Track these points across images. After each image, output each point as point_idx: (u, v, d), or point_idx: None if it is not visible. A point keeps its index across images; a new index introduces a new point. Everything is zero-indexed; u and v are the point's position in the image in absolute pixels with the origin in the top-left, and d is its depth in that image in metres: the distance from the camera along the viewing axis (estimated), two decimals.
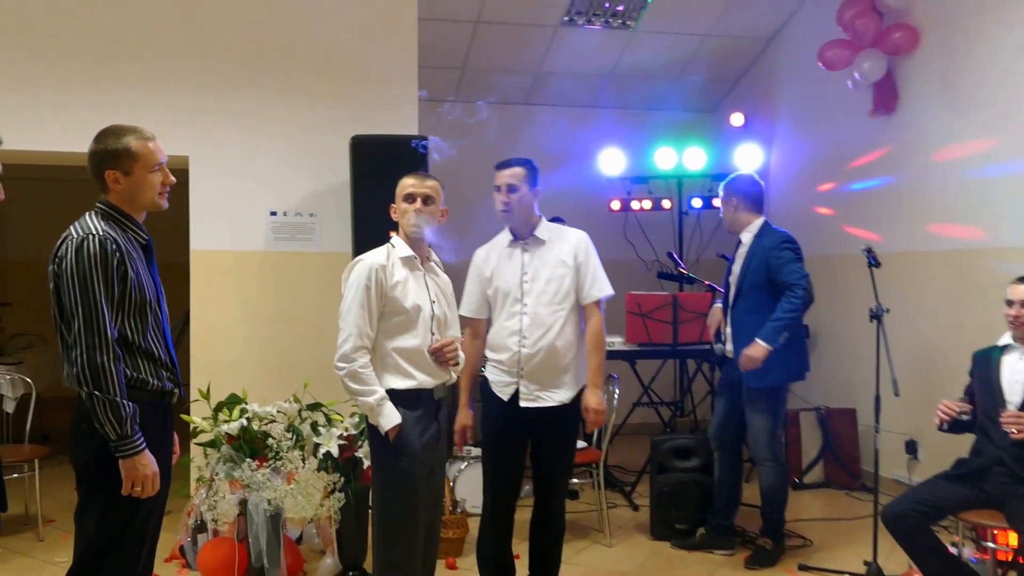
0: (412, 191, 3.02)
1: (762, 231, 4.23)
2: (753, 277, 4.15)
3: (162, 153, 2.56)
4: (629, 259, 7.07)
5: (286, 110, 4.83)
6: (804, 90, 6.46)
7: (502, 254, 3.46)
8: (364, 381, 2.88)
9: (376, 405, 2.88)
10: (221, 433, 3.91)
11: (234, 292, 4.76)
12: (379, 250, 3.02)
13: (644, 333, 5.23)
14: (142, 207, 2.55)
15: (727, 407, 4.35)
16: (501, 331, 3.42)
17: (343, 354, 2.89)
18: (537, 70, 6.84)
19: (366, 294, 2.90)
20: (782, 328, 3.97)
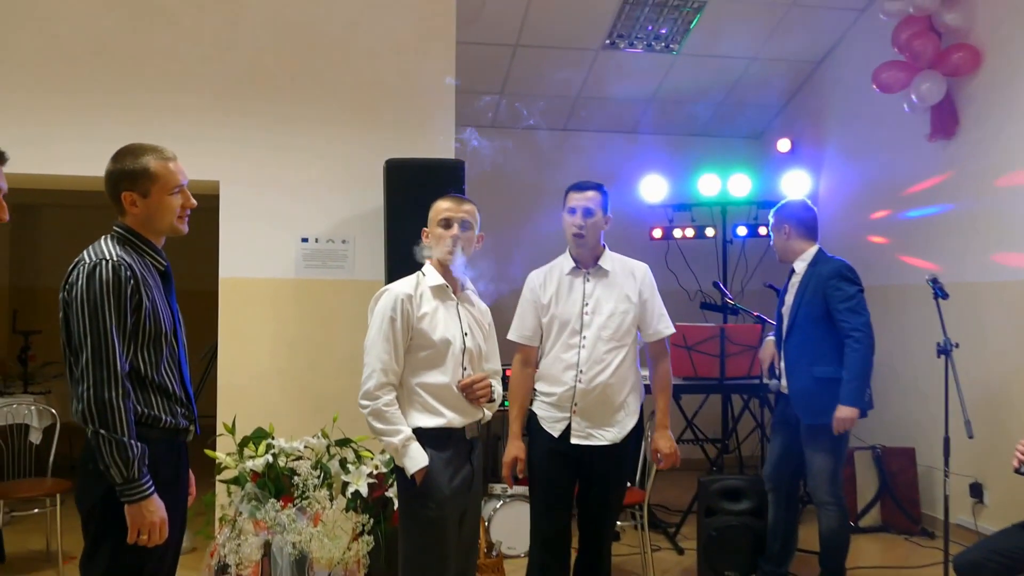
0: (449, 215, 2.83)
1: (817, 259, 4.00)
2: (808, 308, 3.91)
3: (183, 174, 2.40)
4: (671, 289, 6.82)
5: (319, 134, 4.69)
6: (855, 114, 6.20)
7: (562, 281, 3.28)
8: (389, 420, 2.69)
9: (401, 446, 2.68)
10: (246, 470, 3.74)
11: (263, 321, 4.60)
12: (408, 279, 2.85)
13: (689, 366, 4.98)
14: (160, 231, 2.40)
15: (783, 446, 4.08)
16: (555, 363, 3.23)
17: (367, 391, 2.71)
18: (577, 95, 6.67)
19: (391, 326, 2.72)
20: (861, 387, 3.79)
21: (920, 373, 5.33)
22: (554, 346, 3.23)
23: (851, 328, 3.77)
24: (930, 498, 5.43)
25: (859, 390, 3.76)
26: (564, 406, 3.21)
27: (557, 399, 3.22)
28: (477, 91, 6.30)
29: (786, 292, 4.09)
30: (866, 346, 3.76)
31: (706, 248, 6.92)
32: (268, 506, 3.57)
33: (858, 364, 3.75)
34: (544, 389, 3.26)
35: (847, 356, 3.76)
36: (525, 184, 6.28)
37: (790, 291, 4.05)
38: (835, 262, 3.95)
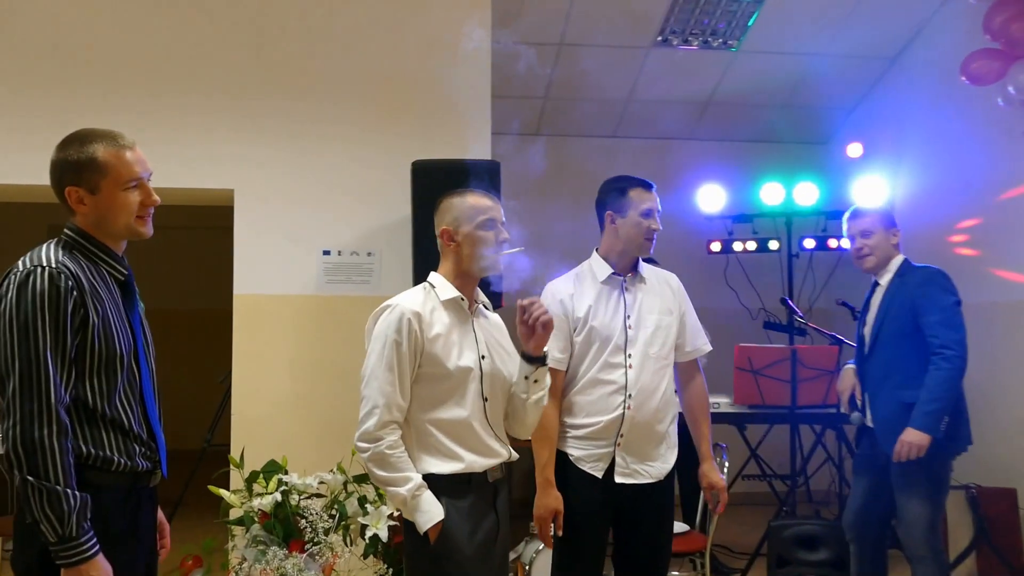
0: (495, 215, 2.38)
1: (903, 269, 3.49)
2: (894, 324, 3.39)
3: (143, 164, 1.98)
4: (731, 307, 6.31)
5: (341, 136, 4.30)
6: (938, 113, 5.61)
7: (599, 291, 2.79)
8: (394, 466, 2.22)
9: (410, 497, 2.21)
10: (252, 509, 3.31)
11: (281, 342, 4.21)
12: (413, 292, 2.39)
13: (756, 393, 4.45)
14: (116, 234, 1.98)
15: (868, 489, 3.52)
16: (595, 387, 2.74)
17: (366, 432, 2.25)
18: (627, 98, 6.20)
19: (395, 352, 2.25)
20: (940, 412, 3.23)
21: (1021, 403, 4.73)
22: (592, 367, 2.74)
23: (941, 344, 3.25)
24: None
25: (936, 415, 3.22)
26: (607, 439, 2.73)
27: (599, 430, 2.72)
28: (516, 96, 5.88)
29: (867, 310, 3.55)
30: (956, 367, 3.23)
31: (769, 262, 6.38)
32: (273, 551, 3.13)
33: (941, 385, 3.23)
34: (579, 421, 2.75)
35: (930, 374, 3.24)
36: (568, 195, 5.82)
37: (872, 308, 3.52)
38: (927, 269, 3.45)
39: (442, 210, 2.41)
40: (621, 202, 2.80)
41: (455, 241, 2.36)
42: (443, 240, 2.39)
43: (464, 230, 2.35)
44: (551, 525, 2.70)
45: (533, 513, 2.70)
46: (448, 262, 2.40)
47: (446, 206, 2.40)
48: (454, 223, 2.37)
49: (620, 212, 2.80)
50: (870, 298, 3.54)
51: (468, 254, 2.35)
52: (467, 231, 2.35)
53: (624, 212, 2.79)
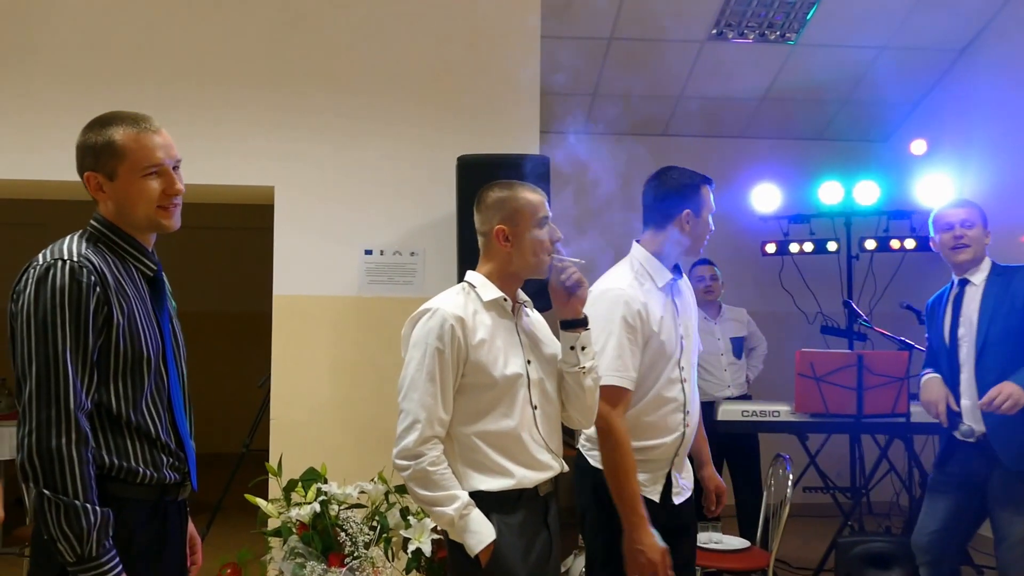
0: (547, 212, 2.20)
1: (998, 269, 3.30)
2: (1003, 325, 3.16)
3: (167, 150, 1.83)
4: (787, 311, 6.06)
5: (385, 131, 4.15)
6: (1007, 108, 5.31)
7: (656, 297, 2.51)
8: (438, 484, 2.05)
9: (458, 517, 2.04)
10: (290, 520, 3.16)
11: (322, 345, 4.06)
12: (453, 293, 2.19)
13: (819, 401, 4.19)
14: (138, 225, 1.83)
15: (955, 509, 3.26)
16: (661, 405, 2.50)
17: (405, 448, 2.07)
18: (680, 94, 5.97)
19: (437, 360, 2.07)
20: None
21: None
22: (655, 384, 2.48)
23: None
24: None
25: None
26: (665, 460, 2.52)
27: (661, 451, 2.50)
28: (565, 92, 5.70)
29: (957, 313, 3.30)
30: None
31: (827, 264, 6.11)
32: (311, 567, 2.98)
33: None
34: (642, 444, 2.47)
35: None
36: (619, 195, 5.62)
37: (964, 310, 3.28)
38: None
39: (491, 205, 2.20)
40: (697, 199, 2.54)
41: (509, 241, 2.16)
42: (496, 240, 2.17)
43: (521, 229, 2.16)
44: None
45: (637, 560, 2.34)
46: (494, 261, 2.20)
47: (496, 201, 2.19)
48: (510, 221, 2.17)
49: (697, 211, 2.54)
50: (959, 299, 3.31)
51: (522, 255, 2.16)
52: (524, 230, 2.16)
53: (699, 211, 2.54)
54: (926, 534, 3.32)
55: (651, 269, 2.53)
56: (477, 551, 2.02)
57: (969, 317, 3.25)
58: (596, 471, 2.47)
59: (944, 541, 3.28)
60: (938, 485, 3.35)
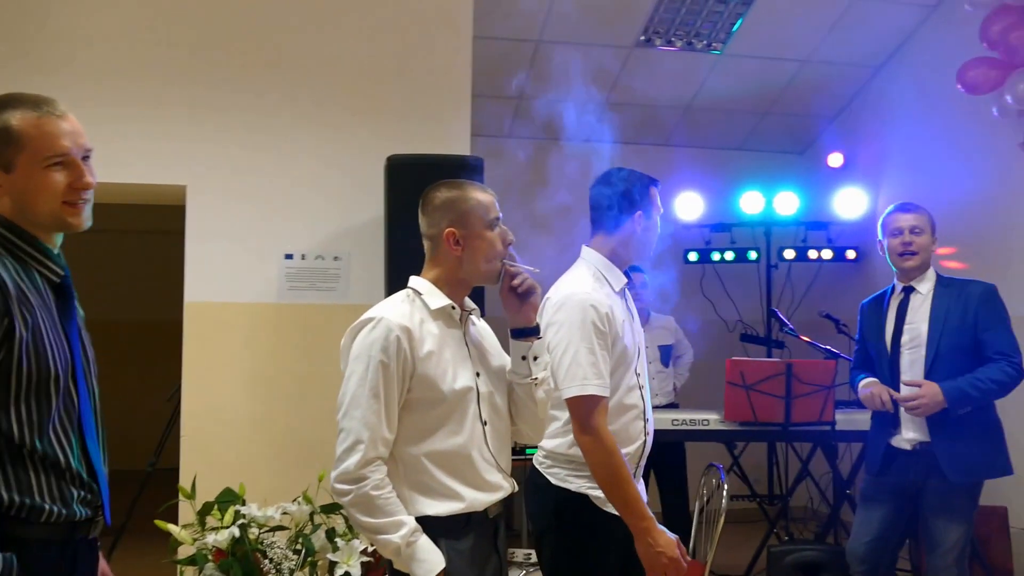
0: (498, 212, 2.06)
1: (943, 279, 3.30)
2: (954, 337, 3.15)
3: (75, 138, 1.61)
4: (707, 319, 6.09)
5: (307, 129, 3.94)
6: (923, 123, 5.46)
7: (616, 301, 2.42)
8: (382, 510, 1.88)
9: (405, 545, 1.87)
10: (206, 546, 2.93)
11: (237, 355, 3.82)
12: (397, 301, 2.02)
13: (748, 409, 4.18)
14: (41, 224, 1.61)
15: (891, 517, 3.26)
16: (623, 413, 2.39)
17: (345, 471, 1.88)
18: (605, 100, 5.93)
19: (381, 375, 1.90)
20: (973, 399, 3.07)
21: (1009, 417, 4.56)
22: (618, 391, 2.38)
23: (1011, 350, 3.11)
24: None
25: (968, 399, 3.07)
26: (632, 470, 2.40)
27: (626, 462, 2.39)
28: (489, 95, 5.58)
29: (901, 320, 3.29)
30: (1015, 381, 3.09)
31: (746, 273, 6.19)
32: None
33: (997, 382, 3.07)
34: None
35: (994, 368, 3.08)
36: (545, 200, 5.53)
37: (909, 317, 3.26)
38: (983, 283, 3.26)
39: (439, 206, 2.05)
40: (647, 200, 2.47)
41: (460, 244, 2.01)
42: (446, 243, 2.02)
43: (472, 232, 2.02)
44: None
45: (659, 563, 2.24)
46: (441, 266, 2.04)
47: (445, 202, 2.05)
48: (460, 222, 2.02)
49: (648, 212, 2.47)
50: (903, 306, 3.28)
51: (473, 259, 2.02)
52: (476, 233, 2.01)
53: (650, 212, 2.47)
54: (862, 543, 3.31)
55: (606, 273, 2.44)
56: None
57: (916, 326, 3.23)
58: (559, 490, 2.35)
59: (879, 550, 3.29)
60: (872, 493, 3.33)
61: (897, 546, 3.36)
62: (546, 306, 2.43)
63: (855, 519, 3.41)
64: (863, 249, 5.99)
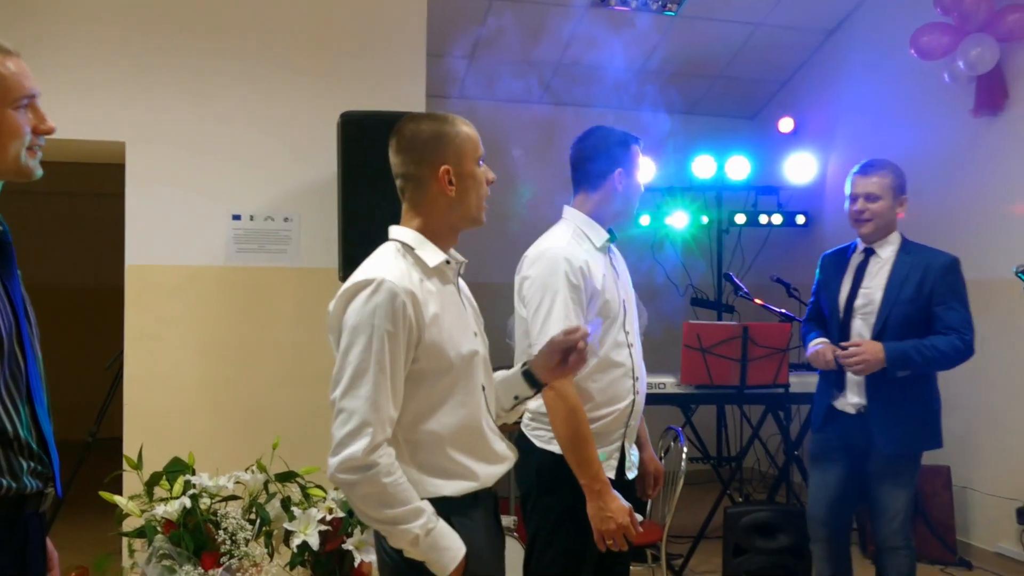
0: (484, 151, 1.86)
1: (907, 246, 3.17)
2: (907, 307, 3.06)
3: (31, 79, 1.49)
4: (659, 283, 6.10)
5: (255, 82, 3.76)
6: (873, 89, 5.50)
7: (596, 257, 2.39)
8: (398, 498, 1.68)
9: (425, 534, 1.69)
10: (155, 518, 2.81)
11: (183, 321, 3.66)
12: (390, 258, 1.77)
13: (704, 372, 4.19)
14: None
15: (843, 481, 3.21)
16: (608, 370, 2.36)
17: (352, 459, 1.65)
18: (558, 62, 5.85)
19: (388, 347, 1.68)
20: (915, 363, 3.01)
21: (952, 381, 4.67)
22: (602, 346, 2.34)
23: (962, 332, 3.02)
24: (966, 523, 4.78)
25: (910, 362, 3.00)
26: (616, 431, 2.39)
27: (612, 421, 2.37)
28: (442, 54, 5.43)
29: (857, 281, 3.19)
30: (963, 356, 3.04)
31: (698, 237, 6.20)
32: (185, 569, 2.65)
33: (943, 351, 2.99)
34: (592, 414, 2.33)
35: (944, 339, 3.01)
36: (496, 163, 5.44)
37: (867, 281, 3.16)
38: (943, 254, 3.14)
39: (427, 140, 1.80)
40: (628, 158, 2.45)
41: (454, 184, 1.79)
42: (439, 182, 1.78)
43: (465, 169, 1.80)
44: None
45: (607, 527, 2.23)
46: (428, 213, 1.81)
47: (433, 136, 1.80)
48: (454, 159, 1.79)
49: (629, 170, 2.44)
50: (862, 268, 3.18)
51: (465, 201, 1.81)
52: (468, 171, 1.81)
53: (631, 170, 2.45)
54: (822, 507, 3.26)
55: (588, 230, 2.42)
56: (451, 570, 1.71)
57: (871, 292, 3.15)
58: (540, 452, 2.32)
59: (839, 513, 3.26)
60: (822, 452, 3.28)
61: (853, 509, 3.35)
62: (523, 262, 2.39)
63: (810, 482, 3.37)
64: (812, 214, 6.04)
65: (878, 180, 3.14)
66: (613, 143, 2.45)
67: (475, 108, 5.86)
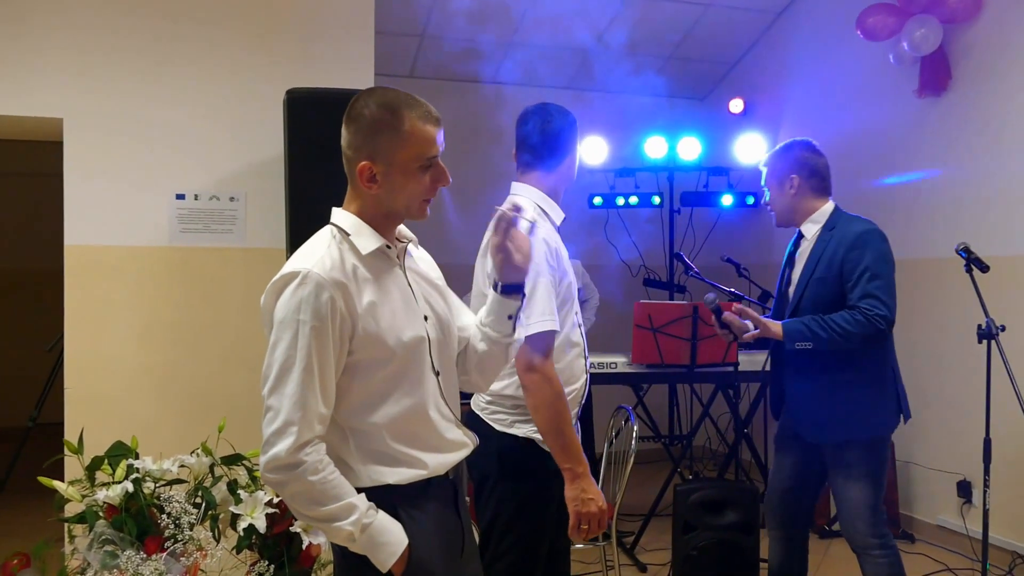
0: (436, 148, 1.72)
1: (833, 221, 3.02)
2: (817, 287, 2.95)
3: None
4: (612, 263, 6.13)
5: (199, 58, 3.65)
6: (820, 70, 5.57)
7: (555, 236, 2.35)
8: (327, 494, 1.63)
9: (360, 531, 1.65)
10: (96, 503, 2.74)
11: (126, 302, 3.57)
12: (320, 246, 1.71)
13: (655, 352, 4.22)
14: None
15: (799, 467, 3.13)
16: (568, 349, 2.35)
17: (276, 459, 1.61)
18: (509, 41, 5.80)
19: (315, 342, 1.62)
20: (809, 338, 2.86)
21: None
22: (563, 327, 2.31)
23: (866, 306, 2.83)
24: (909, 497, 4.90)
25: (803, 337, 2.86)
26: (573, 410, 2.35)
27: (570, 401, 2.31)
28: (392, 32, 5.36)
29: (791, 265, 3.15)
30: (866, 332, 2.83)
31: (650, 218, 6.24)
32: (127, 555, 2.59)
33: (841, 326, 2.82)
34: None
35: (844, 314, 2.85)
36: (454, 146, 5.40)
37: (798, 263, 3.10)
38: (860, 222, 2.99)
39: (363, 127, 1.71)
40: (575, 138, 2.45)
41: (376, 182, 1.71)
42: (360, 178, 1.71)
43: (394, 168, 1.70)
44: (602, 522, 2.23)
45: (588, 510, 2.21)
46: (360, 199, 1.75)
47: (371, 123, 1.70)
48: (380, 155, 1.69)
49: (573, 148, 2.45)
50: (794, 252, 3.14)
51: (392, 199, 1.73)
52: (400, 171, 1.71)
53: (575, 151, 2.46)
54: (777, 493, 3.19)
55: (547, 208, 2.39)
56: (390, 565, 1.67)
57: (798, 274, 3.07)
58: (502, 436, 2.28)
59: (792, 501, 3.17)
60: (779, 439, 3.22)
61: (812, 497, 3.21)
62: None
63: (771, 469, 3.29)
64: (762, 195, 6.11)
65: (768, 167, 3.17)
66: (569, 122, 2.45)
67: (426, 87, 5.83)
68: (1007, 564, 4.12)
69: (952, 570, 4.22)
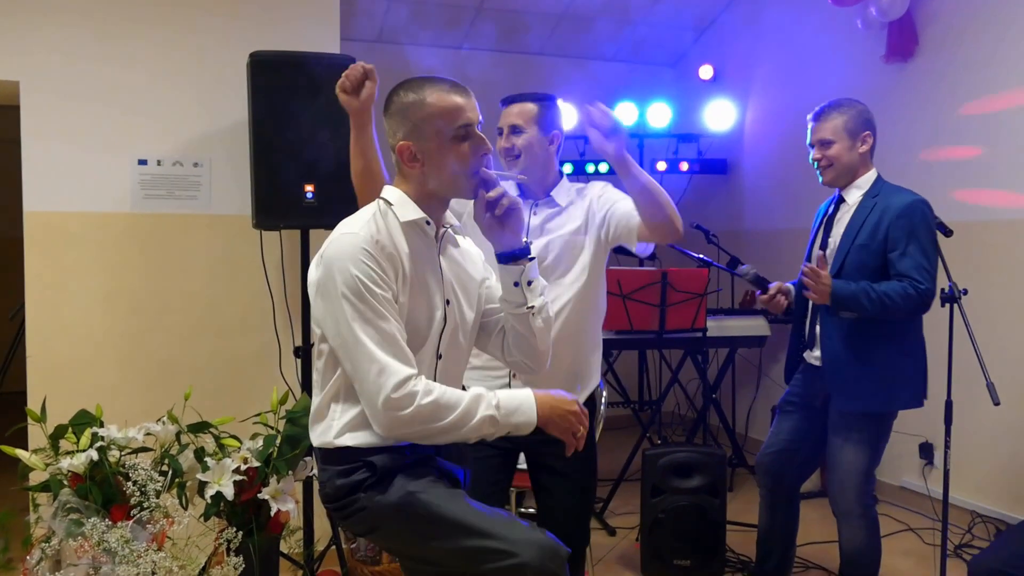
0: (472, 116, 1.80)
1: (876, 188, 3.01)
2: (860, 254, 2.95)
3: None
4: None
5: (160, 21, 3.56)
6: (790, 36, 5.57)
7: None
8: (451, 404, 1.73)
9: (497, 411, 1.75)
10: (61, 471, 2.72)
11: (88, 270, 3.51)
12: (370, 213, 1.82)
13: (624, 318, 4.24)
14: None
15: (797, 432, 3.19)
16: None
17: (389, 401, 1.70)
18: (478, 7, 5.73)
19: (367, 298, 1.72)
20: (869, 305, 2.83)
21: None
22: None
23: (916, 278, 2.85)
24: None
25: (856, 303, 2.84)
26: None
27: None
28: None
29: (828, 229, 3.09)
30: (917, 304, 2.85)
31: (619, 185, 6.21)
32: (92, 522, 2.58)
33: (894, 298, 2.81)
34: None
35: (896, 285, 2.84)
36: None
37: (836, 229, 3.05)
38: (907, 193, 2.98)
39: (395, 112, 1.83)
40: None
41: (419, 160, 1.81)
42: (401, 159, 1.84)
43: (431, 145, 1.80)
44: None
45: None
46: (406, 181, 1.87)
47: (402, 107, 1.82)
48: (416, 134, 1.80)
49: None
50: (833, 215, 3.09)
51: (439, 175, 1.82)
52: (436, 147, 1.80)
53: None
54: (768, 454, 3.25)
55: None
56: (534, 418, 1.76)
57: (836, 240, 3.05)
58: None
59: (784, 461, 3.22)
60: (784, 404, 3.26)
61: (806, 462, 3.27)
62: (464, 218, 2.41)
63: (770, 430, 3.32)
64: (732, 161, 6.13)
65: (829, 124, 3.02)
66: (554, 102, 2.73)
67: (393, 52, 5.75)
68: (967, 523, 4.22)
69: (914, 530, 4.31)
